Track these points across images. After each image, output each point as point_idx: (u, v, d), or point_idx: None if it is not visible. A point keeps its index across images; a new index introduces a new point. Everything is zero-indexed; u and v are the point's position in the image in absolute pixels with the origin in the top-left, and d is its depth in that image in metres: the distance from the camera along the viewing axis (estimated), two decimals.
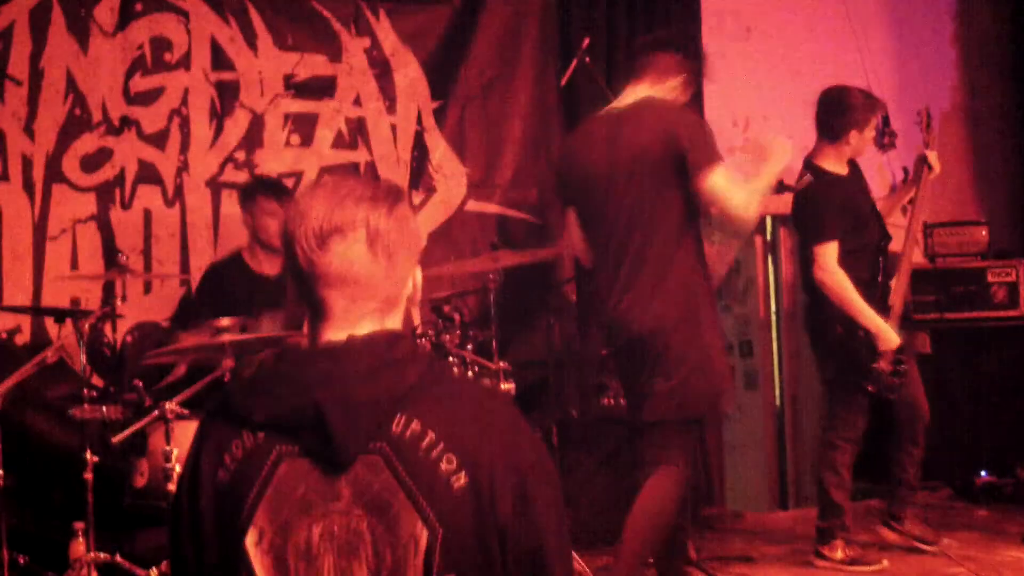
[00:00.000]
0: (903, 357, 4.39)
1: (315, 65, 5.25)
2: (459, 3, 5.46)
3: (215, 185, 5.07)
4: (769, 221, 6.00)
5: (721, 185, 3.53)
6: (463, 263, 4.99)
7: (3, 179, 4.75)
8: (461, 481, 1.53)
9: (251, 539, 1.54)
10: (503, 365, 4.32)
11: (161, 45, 5.01)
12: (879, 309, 4.41)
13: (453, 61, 5.46)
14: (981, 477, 5.65)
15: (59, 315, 4.34)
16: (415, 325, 4.60)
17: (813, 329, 4.69)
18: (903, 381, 4.42)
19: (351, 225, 1.58)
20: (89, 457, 3.90)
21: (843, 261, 4.39)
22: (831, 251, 4.39)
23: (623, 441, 4.91)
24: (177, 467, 3.63)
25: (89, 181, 4.88)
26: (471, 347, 4.43)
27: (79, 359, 4.04)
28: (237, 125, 5.11)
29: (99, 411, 3.93)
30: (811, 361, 5.14)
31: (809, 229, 4.52)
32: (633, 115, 3.67)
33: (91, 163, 4.88)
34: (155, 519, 3.86)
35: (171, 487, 3.59)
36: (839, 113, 4.53)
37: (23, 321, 4.74)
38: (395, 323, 1.65)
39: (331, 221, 1.58)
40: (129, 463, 4.00)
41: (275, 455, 1.55)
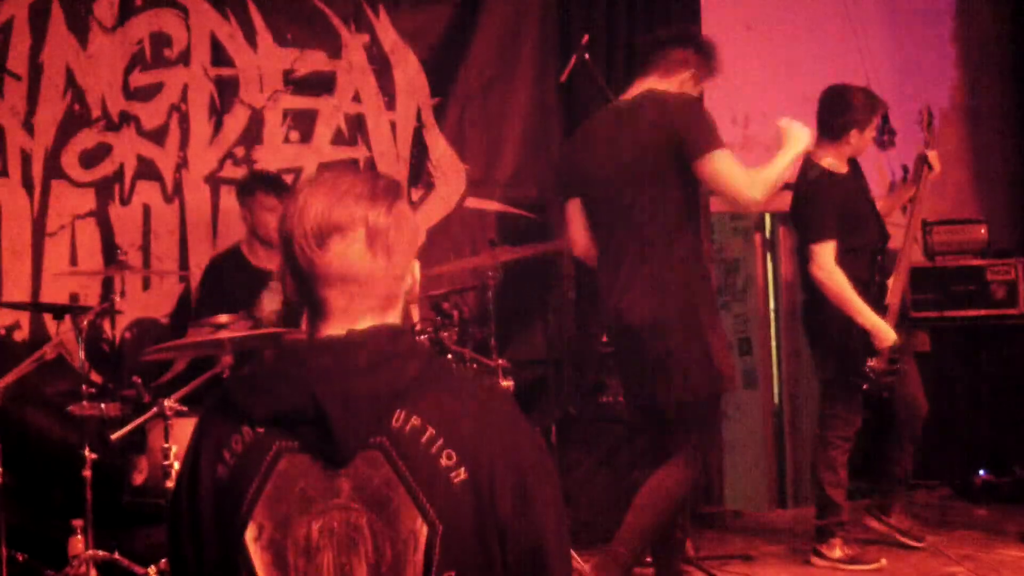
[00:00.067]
0: (899, 355, 4.39)
1: (314, 61, 5.24)
2: (459, 2, 5.46)
3: (214, 181, 5.06)
4: (768, 219, 6.00)
5: (722, 169, 3.50)
6: (462, 260, 4.98)
7: (2, 175, 4.73)
8: (461, 477, 1.52)
9: (250, 535, 1.53)
10: (502, 362, 4.32)
11: (160, 41, 5.00)
12: (876, 308, 4.41)
13: (453, 60, 5.46)
14: (980, 476, 5.65)
15: (58, 311, 4.32)
16: (414, 322, 4.60)
17: (812, 328, 4.69)
18: (897, 379, 4.42)
19: (351, 224, 1.57)
20: (88, 454, 3.89)
21: (842, 260, 4.39)
22: (828, 250, 4.38)
23: (622, 440, 4.92)
24: (176, 464, 3.62)
25: (88, 177, 4.86)
26: (470, 344, 4.43)
27: (78, 355, 4.04)
28: (236, 121, 5.10)
29: (98, 408, 3.91)
30: (810, 360, 5.14)
31: (807, 228, 4.52)
32: (634, 110, 3.66)
33: (90, 159, 4.87)
34: (154, 516, 3.86)
35: (170, 484, 3.58)
36: (840, 112, 4.53)
37: (22, 317, 4.73)
38: (395, 319, 1.64)
39: (330, 220, 1.57)
40: (128, 460, 4.00)
41: (275, 450, 1.54)
